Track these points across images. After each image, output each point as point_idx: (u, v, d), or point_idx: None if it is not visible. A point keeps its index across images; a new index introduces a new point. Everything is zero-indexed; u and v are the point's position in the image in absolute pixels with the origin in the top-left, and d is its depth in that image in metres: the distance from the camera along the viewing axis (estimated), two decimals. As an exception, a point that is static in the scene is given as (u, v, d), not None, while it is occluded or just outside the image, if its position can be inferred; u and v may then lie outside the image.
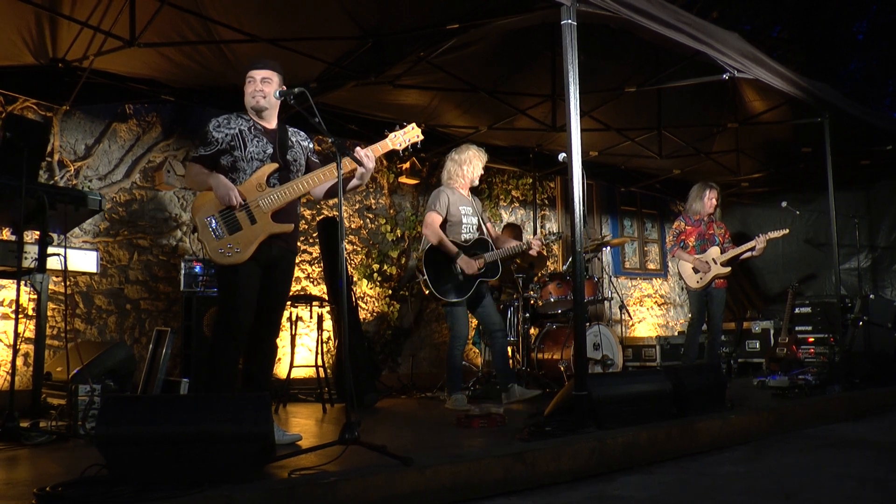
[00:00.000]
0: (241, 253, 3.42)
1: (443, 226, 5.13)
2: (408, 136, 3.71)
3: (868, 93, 14.23)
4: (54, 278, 5.16)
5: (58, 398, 4.41)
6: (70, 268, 4.40)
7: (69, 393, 3.97)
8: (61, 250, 4.07)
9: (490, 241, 5.25)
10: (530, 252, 5.21)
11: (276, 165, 3.56)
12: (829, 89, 6.18)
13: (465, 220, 5.19)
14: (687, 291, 6.57)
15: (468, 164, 5.21)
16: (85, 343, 5.16)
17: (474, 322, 6.53)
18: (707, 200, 6.30)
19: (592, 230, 5.27)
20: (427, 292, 5.06)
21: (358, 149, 3.54)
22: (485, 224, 5.32)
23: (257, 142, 3.56)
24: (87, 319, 5.67)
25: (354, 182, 3.66)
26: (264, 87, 3.57)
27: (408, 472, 2.72)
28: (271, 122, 3.67)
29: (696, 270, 6.22)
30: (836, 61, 14.36)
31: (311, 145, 3.82)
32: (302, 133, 3.82)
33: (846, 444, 4.16)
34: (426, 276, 5.01)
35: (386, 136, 3.68)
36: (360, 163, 3.47)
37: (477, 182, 5.31)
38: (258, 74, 3.58)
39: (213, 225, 3.43)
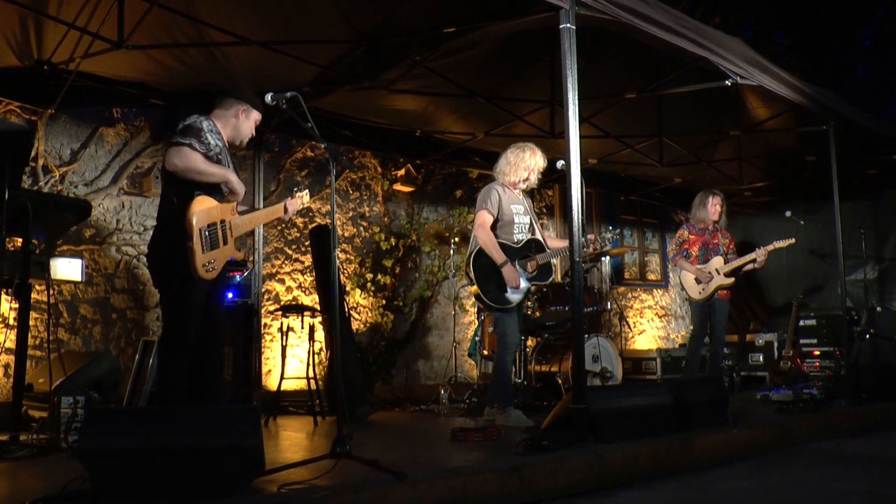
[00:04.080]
0: (216, 271, 3.55)
1: (494, 226, 4.94)
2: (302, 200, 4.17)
3: (874, 100, 14.29)
4: (37, 287, 5.16)
5: (39, 410, 4.39)
6: (54, 276, 4.39)
7: (51, 405, 3.94)
8: (45, 258, 4.06)
9: (543, 241, 5.10)
10: (585, 250, 5.04)
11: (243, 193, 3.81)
12: (835, 96, 6.22)
13: (517, 220, 5.00)
14: (689, 302, 6.57)
15: (514, 167, 5.03)
16: (69, 353, 5.14)
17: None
18: (711, 207, 6.32)
19: (596, 235, 5.18)
20: (476, 297, 4.95)
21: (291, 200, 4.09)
22: (536, 224, 5.17)
23: (229, 163, 3.74)
24: (72, 329, 5.66)
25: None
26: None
27: (401, 487, 2.71)
28: None
29: (698, 281, 6.23)
30: (842, 68, 14.43)
31: None
32: None
33: (852, 460, 4.17)
34: (476, 282, 4.86)
35: (294, 196, 4.13)
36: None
37: (523, 186, 5.10)
38: (260, 118, 3.93)
39: (205, 238, 3.47)
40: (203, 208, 3.47)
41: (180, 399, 3.51)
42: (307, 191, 4.23)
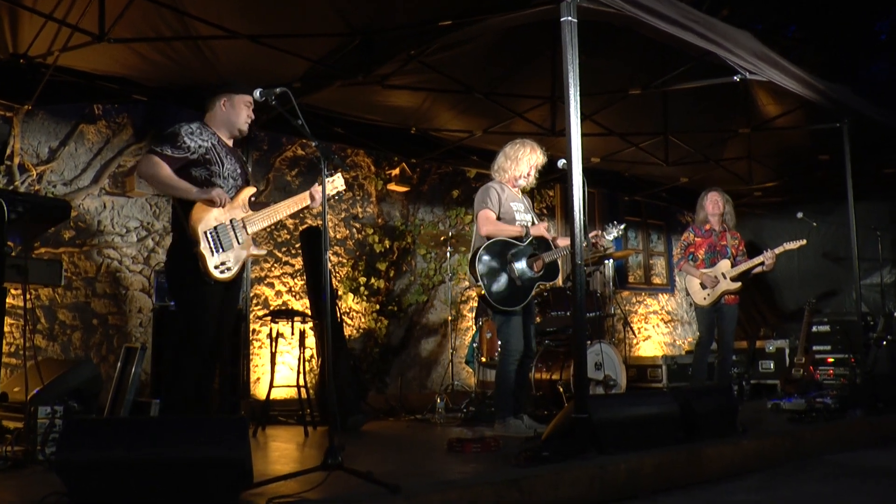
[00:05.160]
0: (231, 272, 3.67)
1: None
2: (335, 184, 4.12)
3: (892, 96, 14.30)
4: (13, 291, 5.14)
5: (14, 421, 4.37)
6: (31, 280, 4.38)
7: (27, 415, 3.93)
8: (22, 261, 4.05)
9: (548, 239, 5.08)
10: (587, 248, 5.02)
11: (254, 189, 3.86)
12: (849, 92, 6.23)
13: (518, 218, 4.99)
14: (694, 308, 6.58)
15: (514, 161, 5.02)
16: (46, 361, 5.13)
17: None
18: (709, 204, 6.32)
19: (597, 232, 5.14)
20: (480, 298, 4.90)
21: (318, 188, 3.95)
22: (538, 222, 5.15)
23: (229, 160, 3.82)
24: (50, 336, 5.65)
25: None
26: (251, 114, 3.93)
27: (395, 500, 2.71)
28: (230, 141, 3.93)
29: (703, 286, 6.23)
30: (857, 63, 14.44)
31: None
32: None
33: (868, 473, 4.17)
34: (482, 282, 4.79)
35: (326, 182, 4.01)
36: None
37: (523, 182, 5.09)
38: (251, 101, 3.84)
39: (212, 240, 3.61)
40: (205, 211, 3.61)
41: (188, 406, 3.60)
42: (339, 174, 4.13)
